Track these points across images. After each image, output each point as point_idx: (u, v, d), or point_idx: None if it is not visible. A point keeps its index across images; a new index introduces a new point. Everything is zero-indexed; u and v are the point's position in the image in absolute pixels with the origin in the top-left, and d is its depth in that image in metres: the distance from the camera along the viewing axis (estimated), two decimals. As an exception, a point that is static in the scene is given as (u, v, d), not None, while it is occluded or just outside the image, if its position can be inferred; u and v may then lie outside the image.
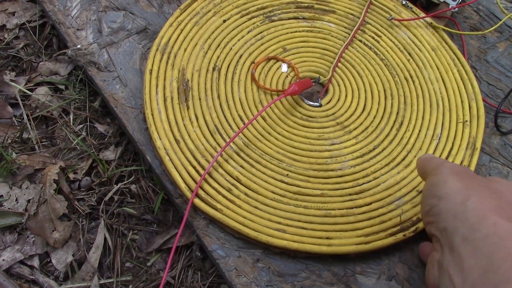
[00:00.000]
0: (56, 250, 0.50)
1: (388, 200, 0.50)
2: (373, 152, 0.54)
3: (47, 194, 0.51)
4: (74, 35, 0.61)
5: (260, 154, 0.52)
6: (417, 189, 0.51)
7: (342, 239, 0.47)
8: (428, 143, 0.55)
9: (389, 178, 0.52)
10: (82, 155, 0.56)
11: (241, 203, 0.49)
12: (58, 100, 0.60)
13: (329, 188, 0.51)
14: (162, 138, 0.51)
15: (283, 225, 0.48)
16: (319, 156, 0.53)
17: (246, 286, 0.46)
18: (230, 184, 0.50)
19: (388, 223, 0.49)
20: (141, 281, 0.50)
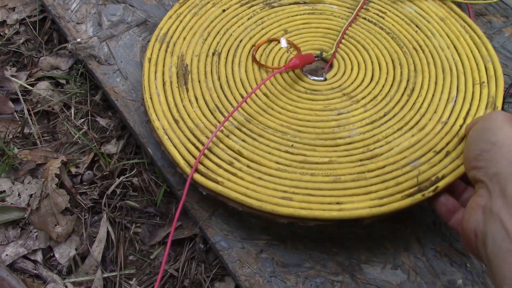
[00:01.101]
0: (59, 245, 0.50)
1: (402, 163, 0.46)
2: (384, 119, 0.51)
3: (49, 188, 0.51)
4: (74, 29, 0.60)
5: (262, 128, 0.50)
6: (434, 150, 0.47)
7: (354, 203, 0.44)
8: (443, 106, 0.51)
9: (403, 141, 0.48)
10: (83, 149, 0.56)
11: (243, 175, 0.46)
12: (59, 94, 0.59)
13: (338, 155, 0.47)
14: (161, 119, 0.50)
15: (289, 193, 0.44)
16: (325, 126, 0.50)
17: (249, 277, 0.46)
18: (231, 158, 0.47)
19: (404, 184, 0.44)
20: (144, 274, 0.50)
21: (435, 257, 0.48)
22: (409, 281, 0.47)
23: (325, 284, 0.46)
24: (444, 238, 0.49)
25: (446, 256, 0.48)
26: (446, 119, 0.49)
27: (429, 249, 0.48)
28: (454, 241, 0.49)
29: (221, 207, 0.49)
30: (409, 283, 0.47)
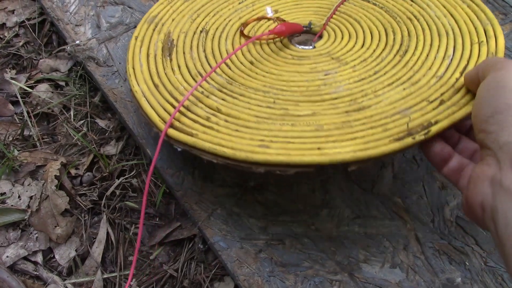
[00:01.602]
0: (59, 246, 0.51)
1: (392, 112, 0.42)
2: (374, 76, 0.47)
3: (49, 190, 0.51)
4: (73, 31, 0.60)
5: (244, 89, 0.47)
6: (427, 100, 0.42)
7: (337, 148, 0.39)
8: (439, 64, 0.47)
9: (393, 94, 0.44)
10: (83, 150, 0.56)
11: (220, 128, 0.43)
12: (58, 96, 0.60)
13: (322, 109, 0.44)
14: (141, 84, 0.48)
15: (266, 142, 0.40)
16: (310, 85, 0.47)
17: (248, 277, 0.46)
18: (209, 114, 0.44)
19: (392, 130, 0.40)
20: (144, 275, 0.50)
21: (434, 255, 0.48)
22: (407, 279, 0.47)
23: (324, 283, 0.46)
24: (443, 236, 0.49)
25: (445, 254, 0.48)
26: (442, 73, 0.45)
27: (428, 247, 0.48)
28: (453, 239, 0.49)
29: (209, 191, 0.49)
30: (407, 281, 0.47)
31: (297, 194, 0.50)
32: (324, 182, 0.51)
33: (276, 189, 0.50)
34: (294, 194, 0.50)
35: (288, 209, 0.50)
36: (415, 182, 0.52)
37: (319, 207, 0.50)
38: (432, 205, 0.50)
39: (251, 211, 0.49)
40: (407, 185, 0.51)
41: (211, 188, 0.50)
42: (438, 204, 0.50)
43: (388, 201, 0.50)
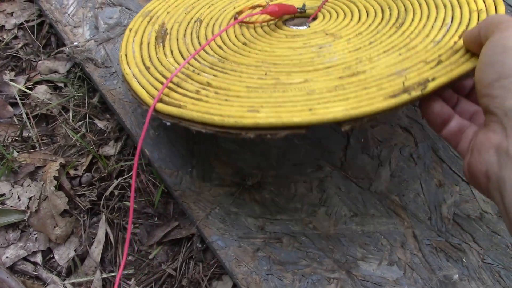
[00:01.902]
0: (59, 246, 0.51)
1: (387, 73, 0.40)
2: (369, 46, 0.46)
3: (48, 191, 0.52)
4: (71, 32, 0.61)
5: (236, 66, 0.46)
6: (424, 61, 0.40)
7: (329, 108, 0.37)
8: (436, 31, 0.45)
9: (389, 59, 0.42)
10: (82, 151, 0.56)
11: (209, 99, 0.41)
12: (57, 98, 0.60)
13: (315, 76, 0.42)
14: (132, 67, 0.47)
15: (256, 107, 0.39)
16: (304, 57, 0.46)
17: (246, 276, 0.46)
18: (199, 88, 0.43)
19: (387, 89, 0.38)
20: (143, 274, 0.50)
21: (431, 252, 0.48)
22: (405, 277, 0.47)
23: (322, 281, 0.47)
24: (440, 234, 0.49)
25: (442, 251, 0.48)
26: (440, 39, 0.43)
27: (425, 245, 0.48)
28: (450, 236, 0.49)
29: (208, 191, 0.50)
30: (405, 279, 0.47)
31: (294, 192, 0.51)
32: (321, 180, 0.51)
33: (274, 187, 0.51)
34: (292, 193, 0.51)
35: (285, 207, 0.50)
36: (412, 180, 0.52)
37: (317, 205, 0.50)
38: (429, 202, 0.50)
39: (249, 210, 0.50)
40: (404, 183, 0.52)
41: (209, 188, 0.50)
42: (435, 201, 0.50)
43: (386, 199, 0.51)
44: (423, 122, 0.55)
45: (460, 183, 0.52)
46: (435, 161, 0.53)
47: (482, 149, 0.31)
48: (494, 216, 0.50)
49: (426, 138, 0.54)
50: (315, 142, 0.53)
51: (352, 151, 0.53)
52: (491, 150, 0.30)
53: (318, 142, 0.53)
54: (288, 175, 0.51)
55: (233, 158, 0.52)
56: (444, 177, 0.52)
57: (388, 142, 0.54)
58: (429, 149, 0.53)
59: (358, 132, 0.54)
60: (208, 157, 0.52)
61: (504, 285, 0.47)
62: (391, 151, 0.53)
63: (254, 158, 0.52)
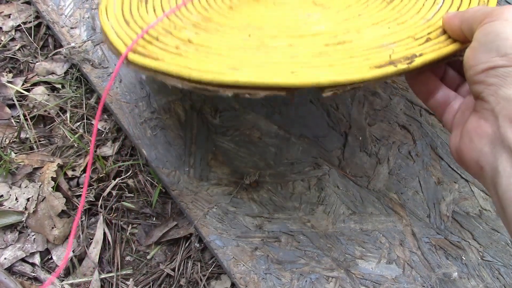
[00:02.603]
0: (57, 247, 0.51)
1: (375, 45, 0.39)
2: (359, 18, 0.45)
3: (46, 192, 0.52)
4: (68, 33, 0.61)
5: (219, 26, 0.44)
6: (413, 37, 0.40)
7: (312, 73, 0.36)
8: (427, 9, 0.44)
9: (377, 32, 0.41)
10: (80, 152, 0.56)
11: (188, 55, 0.38)
12: (55, 99, 0.60)
13: (300, 42, 0.41)
14: (111, 19, 0.44)
15: (237, 66, 0.37)
16: (291, 24, 0.44)
17: (245, 275, 0.46)
18: (179, 44, 0.40)
19: (373, 60, 0.37)
20: (141, 274, 0.50)
21: (430, 250, 0.48)
22: (404, 275, 0.47)
23: (320, 280, 0.46)
24: (439, 231, 0.49)
25: (441, 249, 0.48)
26: (430, 17, 0.42)
27: (424, 242, 0.48)
28: (449, 234, 0.48)
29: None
30: (404, 277, 0.47)
31: (292, 191, 0.50)
32: (319, 179, 0.51)
33: (271, 186, 0.50)
34: (290, 192, 0.50)
35: (283, 206, 0.50)
36: (411, 178, 0.51)
37: (315, 204, 0.50)
38: (428, 200, 0.50)
39: (247, 209, 0.49)
40: (403, 181, 0.51)
41: (206, 187, 0.50)
42: (434, 199, 0.50)
43: (384, 197, 0.50)
44: (422, 120, 0.55)
45: (459, 180, 0.51)
46: (433, 159, 0.52)
47: (474, 137, 0.31)
48: (493, 214, 0.50)
49: (424, 135, 0.54)
50: (312, 140, 0.53)
51: (350, 149, 0.53)
52: (483, 140, 0.30)
53: (316, 140, 0.53)
54: (286, 173, 0.51)
55: (230, 157, 0.52)
56: (443, 175, 0.52)
57: (386, 140, 0.54)
58: (427, 147, 0.53)
59: (356, 130, 0.54)
60: (206, 156, 0.52)
61: (504, 282, 0.46)
62: (390, 149, 0.53)
63: (251, 157, 0.52)
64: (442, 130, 0.54)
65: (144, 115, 0.54)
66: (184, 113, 0.54)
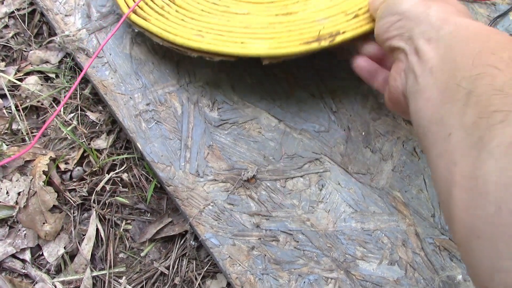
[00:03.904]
0: (48, 243, 0.49)
1: (311, 19, 0.49)
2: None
3: (37, 186, 0.50)
4: (62, 21, 0.59)
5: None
6: (345, 12, 0.49)
7: (257, 45, 0.48)
8: None
9: (320, 4, 0.51)
10: (73, 144, 0.55)
11: (170, 17, 0.52)
12: (48, 89, 0.58)
13: (257, 9, 0.52)
14: None
15: (203, 33, 0.49)
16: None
17: (241, 275, 0.45)
18: (164, 3, 0.53)
19: (305, 35, 0.48)
20: (135, 272, 0.49)
21: (434, 251, 0.46)
22: (406, 277, 0.45)
23: (319, 281, 0.45)
24: (444, 232, 0.47)
25: (445, 250, 0.46)
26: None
27: (428, 243, 0.46)
28: (454, 235, 0.47)
29: (211, 202, 0.48)
30: (406, 279, 0.45)
31: (291, 188, 0.49)
32: (320, 175, 0.49)
33: (270, 183, 0.49)
34: (289, 189, 0.49)
35: (282, 204, 0.48)
36: (415, 175, 0.50)
37: (315, 202, 0.48)
38: (433, 199, 0.48)
39: (244, 206, 0.48)
40: (407, 178, 0.49)
41: (203, 183, 0.48)
42: (439, 198, 0.48)
43: (387, 195, 0.49)
44: (427, 115, 0.53)
45: (465, 178, 0.49)
46: (439, 156, 0.50)
47: (396, 77, 0.38)
48: (501, 213, 0.48)
49: (430, 131, 0.52)
50: (314, 135, 0.51)
51: (352, 145, 0.51)
52: (401, 74, 0.37)
53: (317, 135, 0.51)
54: (286, 170, 0.49)
55: (228, 152, 0.50)
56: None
57: (390, 135, 0.51)
58: (433, 143, 0.51)
59: (359, 125, 0.52)
60: (202, 151, 0.50)
61: (511, 285, 0.45)
62: (394, 145, 0.51)
63: (250, 152, 0.50)
64: (448, 126, 0.52)
65: (139, 107, 0.52)
66: (181, 106, 0.52)
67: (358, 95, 0.53)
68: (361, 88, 0.54)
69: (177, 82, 0.54)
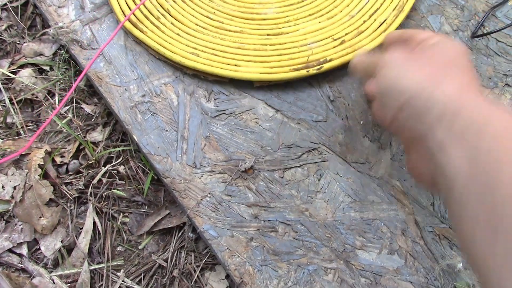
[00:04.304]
0: (45, 237, 0.49)
1: (301, 43, 0.53)
2: (300, 4, 0.56)
3: (33, 180, 0.49)
4: (56, 13, 0.58)
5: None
6: (333, 37, 0.53)
7: (249, 68, 0.51)
8: (355, 4, 0.56)
9: (309, 26, 0.54)
10: (69, 137, 0.54)
11: (166, 30, 0.54)
12: (42, 82, 0.57)
13: (250, 28, 0.54)
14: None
15: (198, 51, 0.52)
16: (247, 1, 0.56)
17: (239, 267, 0.44)
18: (159, 14, 0.54)
19: (295, 60, 0.51)
20: (133, 265, 0.48)
21: (434, 240, 0.46)
22: (406, 266, 0.45)
23: (318, 272, 0.44)
24: (444, 220, 0.47)
25: (445, 239, 0.46)
26: (355, 13, 0.55)
27: (428, 232, 0.46)
28: (454, 223, 0.46)
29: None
30: (406, 268, 0.45)
31: (290, 178, 0.48)
32: (318, 165, 0.49)
33: (268, 174, 0.48)
34: (287, 179, 0.48)
35: (280, 194, 0.47)
36: (414, 164, 0.49)
37: (314, 192, 0.48)
38: (432, 187, 0.48)
39: (242, 198, 0.47)
40: (406, 167, 0.49)
41: (200, 175, 0.48)
42: (439, 186, 0.48)
43: (386, 184, 0.48)
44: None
45: (464, 166, 0.49)
46: (438, 144, 0.50)
47: (419, 162, 0.35)
48: (501, 201, 0.47)
49: (429, 119, 0.51)
50: (311, 125, 0.51)
51: (350, 134, 0.50)
52: (426, 161, 0.33)
53: (315, 124, 0.51)
54: (284, 160, 0.49)
55: (224, 143, 0.49)
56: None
57: (388, 124, 0.51)
58: (432, 131, 0.51)
59: (357, 114, 0.51)
60: (199, 142, 0.49)
61: (511, 273, 0.44)
62: (392, 134, 0.50)
63: (247, 143, 0.49)
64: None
65: (135, 98, 0.52)
66: (177, 97, 0.52)
67: (356, 83, 0.53)
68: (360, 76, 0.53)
69: (173, 73, 0.53)
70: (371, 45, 0.53)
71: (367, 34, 0.54)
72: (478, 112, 0.29)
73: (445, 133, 0.30)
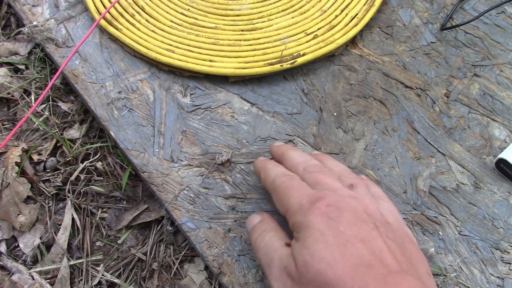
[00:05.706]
0: (23, 234, 0.49)
1: (275, 38, 0.54)
2: (274, 0, 0.58)
3: (10, 177, 0.49)
4: (30, 11, 0.58)
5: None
6: (305, 32, 0.55)
7: (223, 63, 0.52)
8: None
9: (282, 21, 0.56)
10: (46, 135, 0.54)
11: (141, 27, 0.54)
12: (18, 80, 0.57)
13: (224, 24, 0.55)
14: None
15: (173, 47, 0.53)
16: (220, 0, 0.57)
17: (218, 257, 0.45)
18: (134, 11, 0.55)
19: (269, 55, 0.52)
20: (112, 259, 0.49)
21: (407, 226, 0.47)
22: (380, 252, 0.46)
23: (295, 260, 0.45)
24: (416, 207, 0.48)
25: (418, 225, 0.47)
26: (327, 8, 0.57)
27: (401, 219, 0.47)
28: (426, 209, 0.48)
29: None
30: (380, 254, 0.46)
31: (266, 170, 0.49)
32: (293, 157, 0.50)
33: (245, 166, 0.49)
34: (263, 171, 0.49)
35: (257, 186, 0.48)
36: (387, 153, 0.50)
37: (289, 182, 0.48)
38: (404, 175, 0.49)
39: (219, 190, 0.48)
40: (379, 157, 0.50)
41: (177, 169, 0.49)
42: (411, 174, 0.49)
43: (360, 174, 0.49)
44: (398, 94, 0.53)
45: (436, 154, 0.50)
46: (410, 133, 0.51)
47: None
48: (471, 188, 0.49)
49: (401, 109, 0.53)
50: (286, 117, 0.52)
51: (325, 126, 0.51)
52: None
53: (290, 117, 0.52)
54: (260, 152, 0.50)
55: (201, 137, 0.50)
56: (420, 149, 0.51)
57: (362, 115, 0.52)
58: (404, 121, 0.52)
59: (331, 106, 0.52)
60: (176, 137, 0.50)
61: (481, 256, 0.46)
62: (366, 124, 0.52)
63: (224, 136, 0.50)
64: (418, 104, 0.53)
65: (111, 95, 0.52)
66: (153, 92, 0.52)
67: (330, 76, 0.54)
68: (332, 69, 0.54)
69: (149, 69, 0.54)
70: (343, 39, 0.54)
71: (339, 29, 0.55)
72: None
73: None
